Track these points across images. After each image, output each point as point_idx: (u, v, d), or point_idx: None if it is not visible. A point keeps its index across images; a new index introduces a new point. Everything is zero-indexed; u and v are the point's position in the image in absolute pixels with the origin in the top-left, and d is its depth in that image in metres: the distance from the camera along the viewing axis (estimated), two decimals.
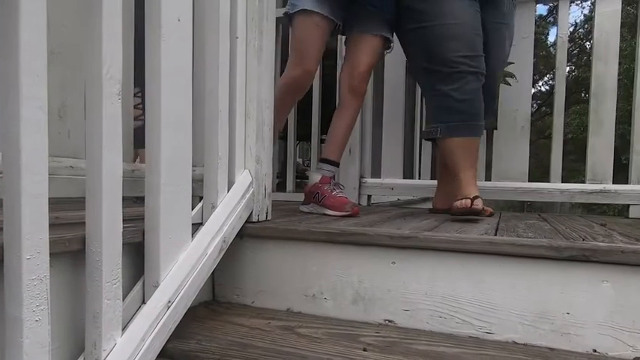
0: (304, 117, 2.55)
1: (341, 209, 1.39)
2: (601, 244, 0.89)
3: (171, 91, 0.86)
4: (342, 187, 1.56)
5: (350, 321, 1.02)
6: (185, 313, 0.92)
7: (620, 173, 1.99)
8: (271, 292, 1.10)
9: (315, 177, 1.52)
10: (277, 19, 2.32)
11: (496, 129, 2.09)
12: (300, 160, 4.47)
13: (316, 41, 1.50)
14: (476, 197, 1.36)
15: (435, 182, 2.19)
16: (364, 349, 0.86)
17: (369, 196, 2.15)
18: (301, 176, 2.97)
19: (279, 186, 2.71)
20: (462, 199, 1.38)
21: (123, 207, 0.76)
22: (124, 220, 0.77)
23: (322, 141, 2.63)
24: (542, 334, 0.91)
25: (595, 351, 0.87)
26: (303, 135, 2.58)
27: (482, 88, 1.49)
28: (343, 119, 1.58)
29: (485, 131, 2.09)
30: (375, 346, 0.88)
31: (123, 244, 0.78)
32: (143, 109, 1.09)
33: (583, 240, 0.94)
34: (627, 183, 1.86)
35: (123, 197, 0.77)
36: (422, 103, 2.74)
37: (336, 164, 1.57)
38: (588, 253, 0.87)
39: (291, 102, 1.62)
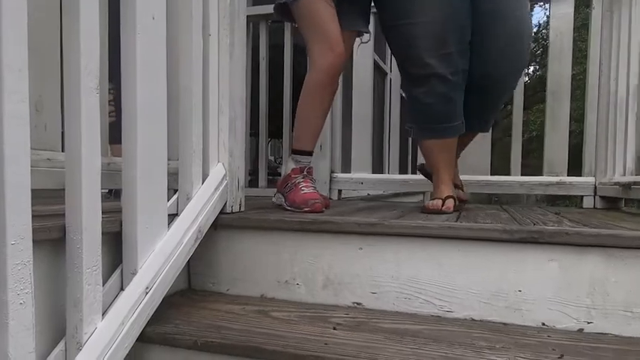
0: (275, 113, 2.58)
1: (302, 204, 1.29)
2: (549, 227, 0.97)
3: (146, 86, 0.89)
4: (312, 179, 1.45)
5: (321, 304, 1.08)
6: (162, 301, 0.96)
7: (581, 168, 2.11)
8: (246, 279, 1.14)
9: (287, 168, 1.45)
10: (247, 17, 2.36)
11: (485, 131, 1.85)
12: (272, 158, 4.49)
13: (336, 20, 1.35)
14: (448, 197, 1.38)
15: (403, 176, 2.29)
16: (334, 328, 0.92)
17: (340, 191, 2.22)
18: (273, 173, 3.01)
19: (252, 183, 2.74)
20: (434, 199, 1.40)
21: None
22: (102, 211, 0.80)
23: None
24: (497, 310, 0.98)
25: (544, 324, 0.96)
26: (275, 132, 2.62)
27: (473, 93, 1.44)
28: None
29: None
30: (344, 325, 0.94)
31: (102, 233, 0.81)
32: (116, 105, 1.12)
33: (534, 225, 1.03)
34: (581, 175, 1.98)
35: None
36: (390, 100, 2.82)
37: (308, 153, 1.45)
38: (537, 235, 0.95)
39: (328, 99, 1.44)
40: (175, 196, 1.05)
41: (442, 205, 1.35)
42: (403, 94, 1.97)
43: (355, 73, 2.24)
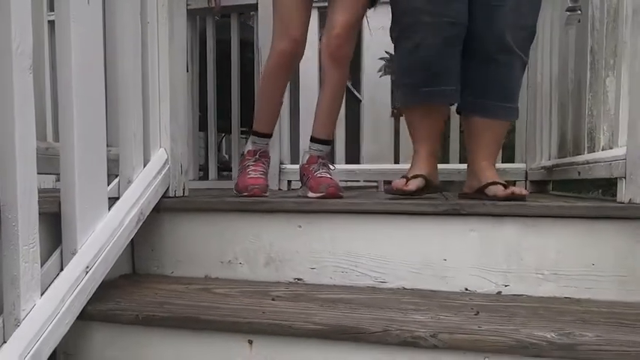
0: (225, 109, 2.59)
1: (316, 190, 1.31)
2: (469, 201, 1.06)
3: (82, 71, 0.91)
4: (331, 166, 1.49)
5: (263, 282, 1.12)
6: (105, 284, 0.98)
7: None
8: (189, 261, 1.17)
9: (303, 158, 1.47)
10: (194, 10, 2.37)
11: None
12: (226, 156, 4.48)
13: (301, 9, 1.38)
14: (416, 177, 1.27)
15: (350, 166, 2.36)
16: (273, 299, 0.97)
17: (290, 182, 2.26)
18: (224, 168, 3.01)
19: (203, 177, 2.74)
20: (402, 177, 1.29)
21: None
22: (40, 191, 0.82)
23: (242, 133, 2.71)
24: (426, 279, 1.06)
25: (467, 289, 1.04)
26: (228, 127, 2.62)
27: (471, 58, 1.29)
28: (324, 94, 1.45)
29: None
30: (283, 297, 0.99)
31: (40, 213, 0.82)
32: None
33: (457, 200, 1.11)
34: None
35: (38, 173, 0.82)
36: None
37: (325, 142, 1.46)
38: (458, 207, 1.04)
39: (283, 82, 1.49)
40: (116, 180, 1.07)
41: (405, 185, 1.25)
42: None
43: (302, 65, 2.29)
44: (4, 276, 0.79)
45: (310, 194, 1.34)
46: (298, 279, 1.12)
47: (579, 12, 1.52)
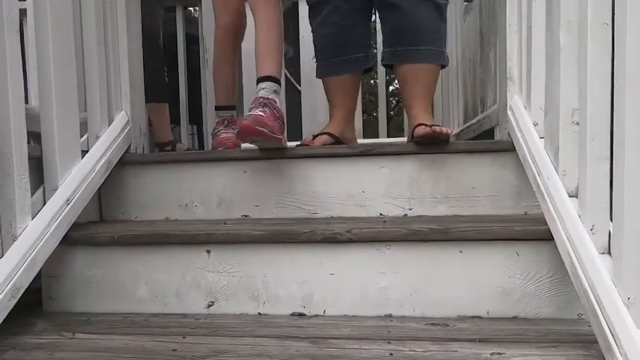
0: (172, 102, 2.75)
1: (219, 146, 1.57)
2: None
3: (57, 40, 1.09)
4: (234, 127, 1.65)
5: (217, 219, 1.34)
6: (78, 226, 1.15)
7: None
8: (152, 206, 1.37)
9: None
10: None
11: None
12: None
13: None
14: (322, 134, 1.45)
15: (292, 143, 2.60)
16: (225, 224, 1.19)
17: None
18: None
19: None
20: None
21: None
22: None
23: (191, 120, 2.86)
24: (349, 208, 1.32)
25: (381, 214, 1.31)
26: (177, 119, 2.77)
27: (380, 10, 1.42)
28: (257, 32, 1.39)
29: None
30: (234, 223, 1.22)
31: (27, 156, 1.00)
32: None
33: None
34: None
35: None
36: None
37: (267, 78, 1.35)
38: (371, 148, 1.31)
39: (231, 56, 1.67)
40: (86, 136, 1.25)
41: (311, 141, 1.48)
42: None
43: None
44: (1, 200, 0.97)
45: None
46: (245, 215, 1.35)
47: (472, 1, 1.85)
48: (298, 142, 1.53)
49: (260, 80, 1.35)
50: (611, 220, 0.79)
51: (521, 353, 0.81)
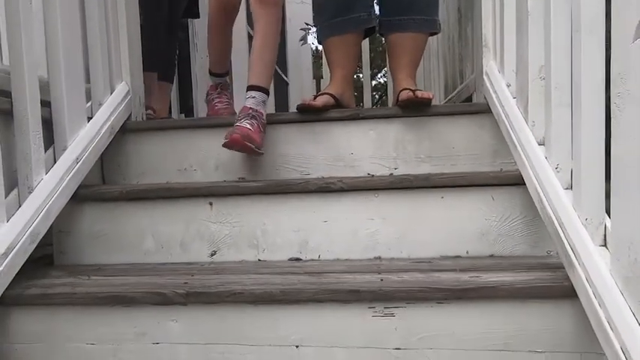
0: None
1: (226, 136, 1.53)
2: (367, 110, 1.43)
3: (64, 13, 1.16)
4: (226, 94, 1.77)
5: (215, 181, 1.42)
6: (84, 188, 1.22)
7: None
8: (151, 172, 1.44)
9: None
10: None
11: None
12: None
13: None
14: (323, 94, 1.46)
15: None
16: (224, 181, 1.28)
17: None
18: None
19: None
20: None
21: None
22: None
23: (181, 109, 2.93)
24: (338, 169, 1.42)
25: (369, 174, 1.41)
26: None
27: None
28: (255, 40, 1.46)
29: None
30: (231, 184, 1.30)
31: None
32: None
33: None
34: None
35: None
36: None
37: (257, 88, 1.40)
38: (359, 112, 1.40)
39: (224, 27, 1.69)
40: (90, 103, 1.32)
41: (313, 100, 1.44)
42: None
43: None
44: (18, 155, 1.04)
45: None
46: (241, 178, 1.43)
47: None
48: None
49: (250, 88, 1.40)
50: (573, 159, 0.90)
51: (496, 275, 0.92)
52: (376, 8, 1.57)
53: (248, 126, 1.29)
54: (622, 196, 0.70)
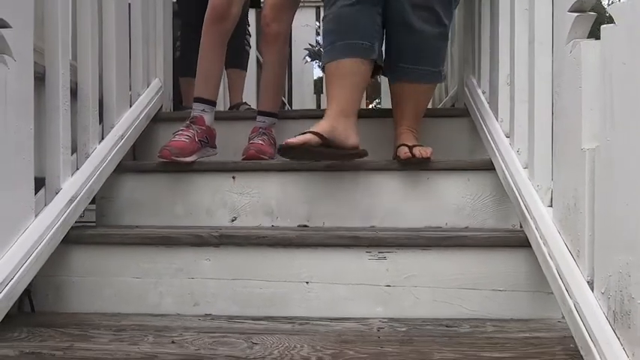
0: None
1: (243, 153, 1.53)
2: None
3: (118, 29, 1.40)
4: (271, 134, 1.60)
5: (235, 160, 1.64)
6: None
7: None
8: None
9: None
10: None
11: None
12: None
13: None
14: (307, 133, 1.24)
15: None
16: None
17: None
18: None
19: None
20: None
21: None
22: None
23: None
24: None
25: None
26: None
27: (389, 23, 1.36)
28: (263, 72, 1.60)
29: None
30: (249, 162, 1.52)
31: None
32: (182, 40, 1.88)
33: None
34: None
35: None
36: None
37: (266, 114, 1.59)
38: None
39: (218, 40, 1.52)
40: (130, 92, 1.55)
41: (293, 139, 1.24)
42: None
43: None
44: (79, 126, 1.25)
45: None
46: None
47: None
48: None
49: (260, 114, 1.61)
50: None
51: (471, 231, 1.15)
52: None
53: (260, 142, 1.54)
54: (560, 162, 0.94)
